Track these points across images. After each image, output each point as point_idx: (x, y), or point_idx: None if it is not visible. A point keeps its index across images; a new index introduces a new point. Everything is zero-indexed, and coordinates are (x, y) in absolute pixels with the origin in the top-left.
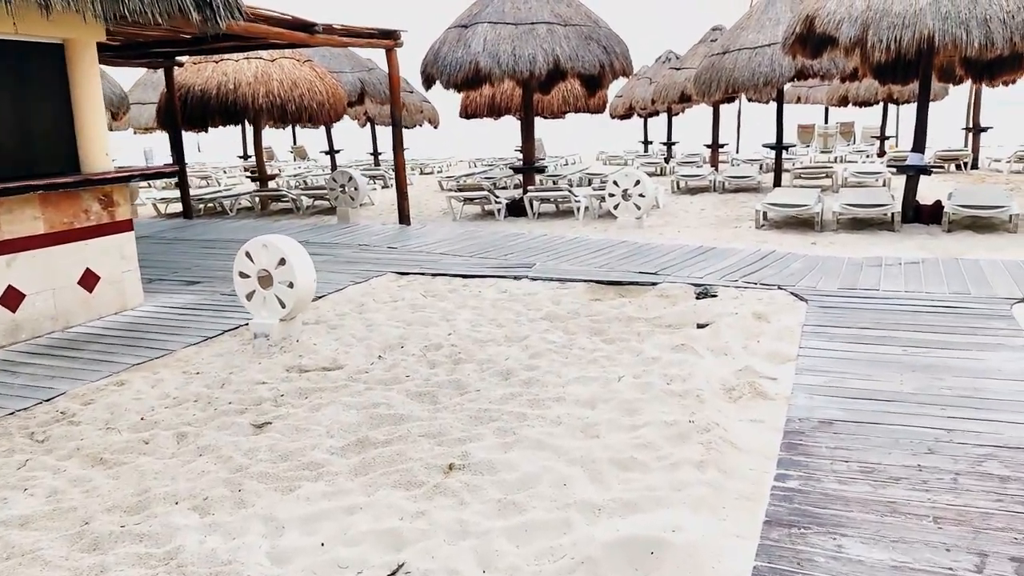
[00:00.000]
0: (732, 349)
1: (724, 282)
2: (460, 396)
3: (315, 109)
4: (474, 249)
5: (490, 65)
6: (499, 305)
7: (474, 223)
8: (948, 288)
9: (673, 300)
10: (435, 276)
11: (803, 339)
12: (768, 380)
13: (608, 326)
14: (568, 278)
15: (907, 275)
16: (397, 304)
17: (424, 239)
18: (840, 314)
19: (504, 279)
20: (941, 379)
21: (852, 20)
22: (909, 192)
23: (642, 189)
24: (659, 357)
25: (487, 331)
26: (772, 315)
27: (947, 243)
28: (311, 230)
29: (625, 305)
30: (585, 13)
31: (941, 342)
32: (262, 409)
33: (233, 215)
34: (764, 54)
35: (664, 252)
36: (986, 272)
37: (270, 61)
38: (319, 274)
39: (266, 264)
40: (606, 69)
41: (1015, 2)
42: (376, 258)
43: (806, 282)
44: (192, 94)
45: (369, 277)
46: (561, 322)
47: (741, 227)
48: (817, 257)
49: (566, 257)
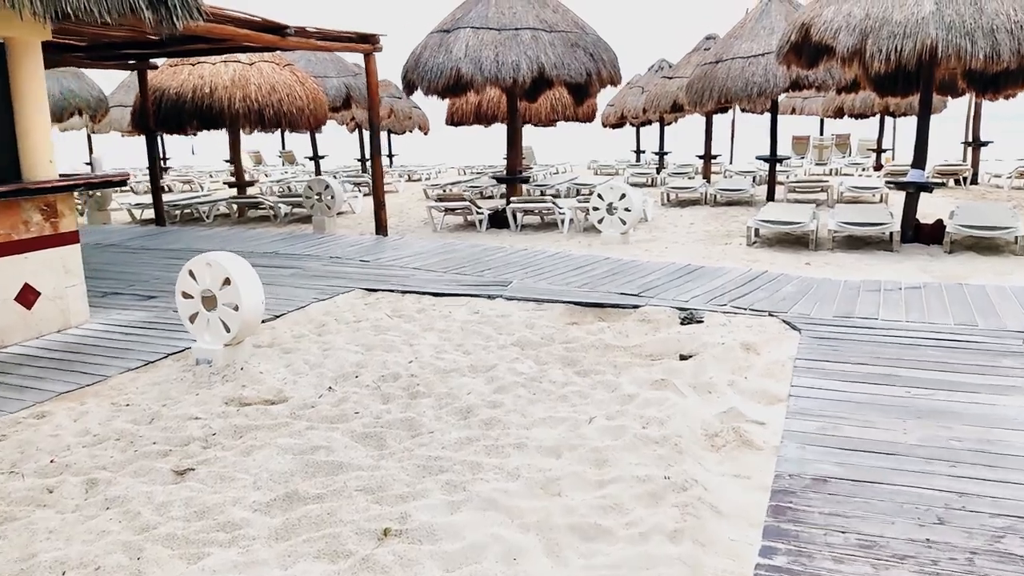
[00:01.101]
0: (717, 386)
1: (711, 306)
2: (411, 439)
3: (294, 114)
4: (450, 264)
5: (472, 72)
6: (468, 328)
7: (455, 234)
8: (953, 318)
9: (655, 326)
10: (405, 294)
11: (795, 375)
12: (755, 425)
13: (583, 355)
14: (545, 299)
15: (908, 302)
16: (360, 325)
17: (400, 252)
18: (835, 346)
19: (477, 298)
20: (949, 428)
21: (850, 29)
22: (909, 210)
23: (627, 203)
24: (636, 395)
25: (452, 359)
26: (762, 346)
27: (950, 266)
28: (283, 240)
29: (603, 331)
30: (572, 19)
31: (947, 383)
32: (188, 451)
33: (209, 222)
34: (758, 64)
35: (649, 271)
36: (994, 300)
37: (248, 65)
38: (282, 289)
39: (210, 284)
40: (593, 77)
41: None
42: (346, 272)
43: (799, 308)
44: (167, 97)
45: (335, 294)
46: (533, 349)
47: (732, 243)
48: (811, 279)
49: (545, 274)
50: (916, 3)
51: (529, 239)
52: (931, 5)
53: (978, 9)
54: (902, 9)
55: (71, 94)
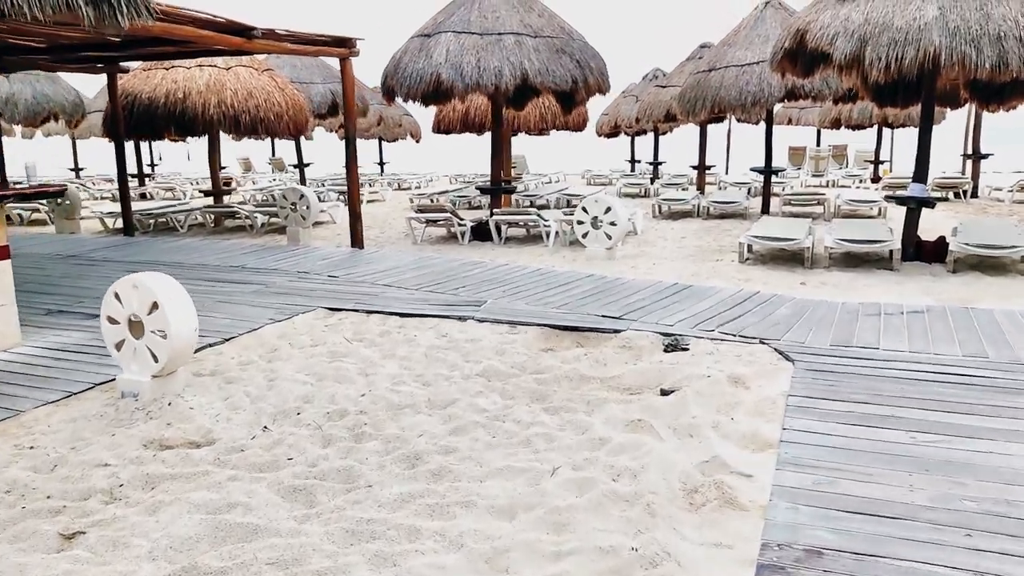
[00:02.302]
0: (700, 428)
1: (698, 331)
2: (345, 494)
3: (272, 121)
4: (424, 280)
5: (452, 78)
6: (433, 355)
7: (435, 247)
8: (960, 349)
9: (637, 353)
10: (370, 314)
11: (787, 416)
12: (741, 478)
13: (555, 389)
14: (520, 320)
15: (910, 328)
16: (315, 350)
17: (373, 266)
18: (832, 381)
19: (447, 320)
20: (962, 484)
21: (848, 35)
22: (909, 226)
23: (613, 217)
24: (608, 438)
25: (408, 392)
26: (751, 379)
27: (953, 287)
28: (253, 252)
29: (580, 358)
30: (558, 25)
31: (957, 427)
32: (86, 508)
33: (184, 232)
34: (752, 72)
35: (634, 290)
36: (1003, 327)
37: (225, 69)
38: (240, 308)
39: (137, 308)
40: (579, 85)
41: None
42: (311, 289)
43: (793, 335)
44: (139, 102)
45: (295, 313)
46: (500, 381)
47: (723, 260)
48: (807, 301)
49: (524, 293)
50: (918, 8)
51: (512, 253)
52: (934, 10)
53: (984, 15)
54: (903, 14)
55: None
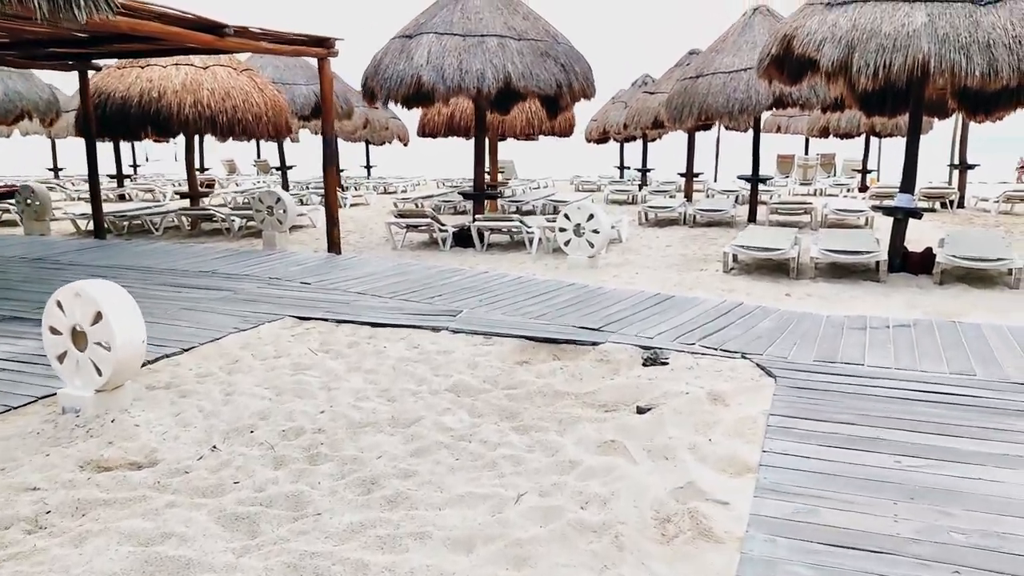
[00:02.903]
0: (676, 450)
1: (678, 344)
2: (291, 523)
3: (250, 122)
4: (399, 288)
5: (434, 80)
6: (401, 368)
7: (415, 253)
8: (948, 366)
9: (614, 367)
10: (339, 323)
11: (768, 437)
12: (717, 506)
13: (526, 406)
14: (495, 332)
15: (896, 343)
16: (278, 362)
17: (348, 273)
18: (815, 400)
19: (420, 330)
20: (949, 514)
21: (835, 41)
22: (896, 237)
23: (596, 224)
24: (579, 461)
25: (371, 408)
26: (731, 396)
27: (940, 300)
28: (226, 257)
29: (555, 372)
30: (543, 28)
31: (944, 450)
32: (5, 539)
33: (159, 234)
34: (740, 79)
35: (615, 300)
36: (991, 343)
37: (202, 68)
38: (204, 316)
39: (80, 318)
40: (564, 90)
41: (1022, 26)
42: (281, 296)
43: (776, 349)
44: (112, 101)
45: (262, 322)
46: (470, 397)
47: (708, 269)
48: (791, 313)
49: (502, 302)
50: (907, 15)
51: (493, 260)
52: (923, 17)
53: (974, 22)
54: (891, 21)
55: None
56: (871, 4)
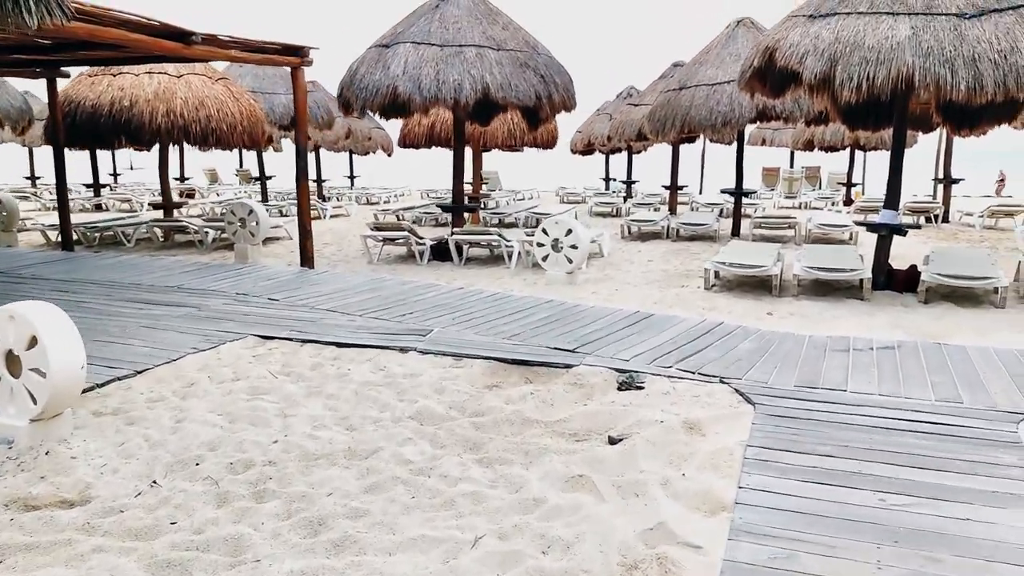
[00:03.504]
0: (647, 487)
1: (655, 367)
2: (227, 571)
3: (224, 131)
4: (370, 305)
5: (410, 90)
6: (364, 393)
7: (391, 267)
8: (934, 392)
9: (588, 392)
10: (304, 343)
11: (744, 471)
12: (688, 550)
13: (492, 435)
14: (465, 353)
15: (880, 367)
16: (236, 385)
17: (318, 288)
18: (796, 430)
19: (388, 350)
20: (936, 560)
21: (818, 53)
22: (880, 254)
23: (574, 239)
24: (544, 499)
25: (328, 438)
26: (708, 425)
27: (925, 320)
28: (195, 271)
29: (526, 398)
30: (523, 38)
31: (930, 487)
32: None
33: (131, 246)
34: (723, 92)
35: (592, 318)
36: (978, 367)
37: (176, 77)
38: (163, 335)
39: (14, 343)
40: (543, 101)
41: (1007, 40)
42: (247, 314)
43: (756, 373)
44: (82, 109)
45: (223, 341)
46: (434, 425)
47: (689, 285)
48: (772, 334)
49: (475, 320)
50: (890, 27)
51: (471, 275)
52: (907, 30)
53: (959, 35)
54: (875, 33)
55: None
56: (854, 16)
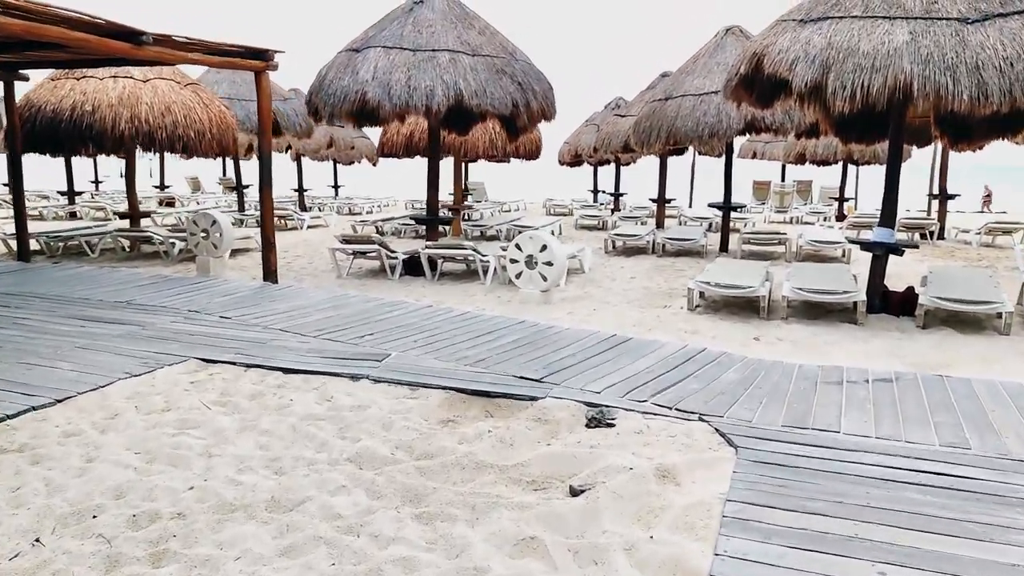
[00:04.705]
0: (608, 553)
1: (629, 401)
2: None
3: (192, 139)
4: (328, 324)
5: (379, 96)
6: (303, 428)
7: (361, 282)
8: (937, 435)
9: (553, 429)
10: (249, 368)
11: (723, 534)
12: None
13: (440, 483)
14: (422, 382)
15: (877, 404)
16: (164, 417)
17: (277, 305)
18: (782, 480)
19: (338, 377)
20: None
21: (809, 60)
22: (875, 275)
23: (549, 256)
24: (486, 568)
25: (252, 484)
26: (684, 473)
27: (924, 347)
28: (150, 285)
29: (483, 436)
30: (500, 43)
31: (938, 557)
32: None
33: (95, 256)
34: (710, 102)
35: (565, 342)
36: (984, 404)
37: (142, 82)
38: (98, 357)
39: None
40: (520, 109)
41: (1013, 46)
42: (193, 334)
43: (739, 410)
44: (43, 114)
45: (161, 365)
46: (374, 470)
47: (672, 305)
48: (759, 363)
49: (438, 343)
50: (887, 32)
51: (443, 291)
52: (904, 35)
53: (960, 41)
54: (870, 38)
55: None
56: (848, 20)
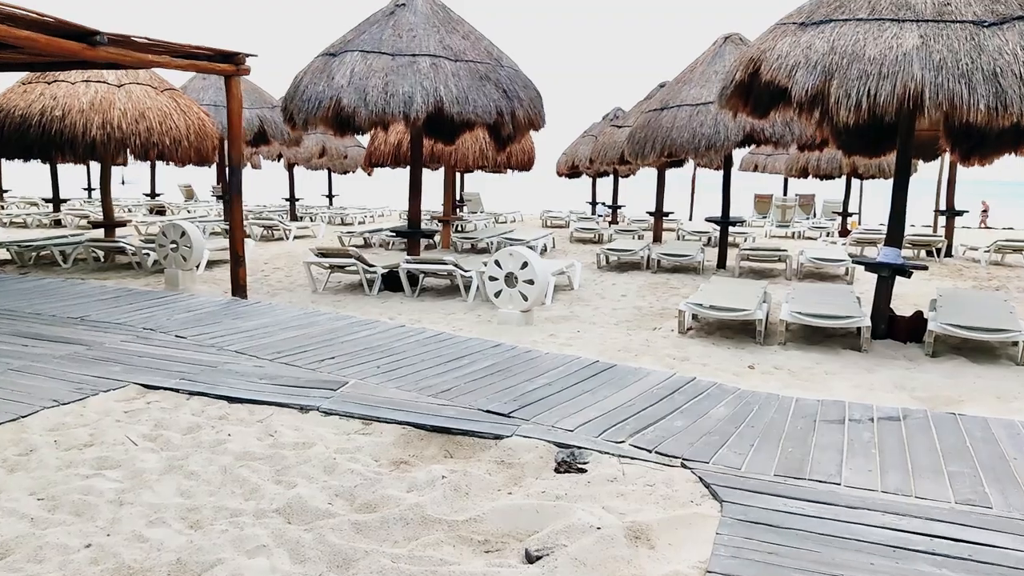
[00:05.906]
0: None
1: (604, 441)
2: None
3: (168, 146)
4: (288, 346)
5: (355, 103)
6: (234, 470)
7: (337, 298)
8: (953, 489)
9: (516, 474)
10: (192, 395)
11: None
12: None
13: (377, 543)
14: (377, 415)
15: (883, 447)
16: (83, 455)
17: (240, 323)
18: (773, 546)
19: (285, 409)
20: None
21: (810, 66)
22: (880, 298)
23: (530, 274)
24: None
25: (158, 541)
26: (660, 534)
27: (934, 379)
28: (110, 299)
29: (435, 483)
30: (485, 49)
31: None
32: None
33: (67, 267)
34: (707, 112)
35: (542, 369)
36: (1005, 450)
37: (116, 86)
38: (30, 380)
39: None
40: (505, 118)
41: None
42: (141, 355)
43: (728, 453)
44: (11, 119)
45: (97, 391)
46: (304, 525)
47: (662, 327)
48: (753, 395)
49: (403, 369)
50: (895, 36)
51: (421, 309)
52: (915, 39)
53: (976, 46)
54: (877, 43)
55: None
56: (853, 23)
